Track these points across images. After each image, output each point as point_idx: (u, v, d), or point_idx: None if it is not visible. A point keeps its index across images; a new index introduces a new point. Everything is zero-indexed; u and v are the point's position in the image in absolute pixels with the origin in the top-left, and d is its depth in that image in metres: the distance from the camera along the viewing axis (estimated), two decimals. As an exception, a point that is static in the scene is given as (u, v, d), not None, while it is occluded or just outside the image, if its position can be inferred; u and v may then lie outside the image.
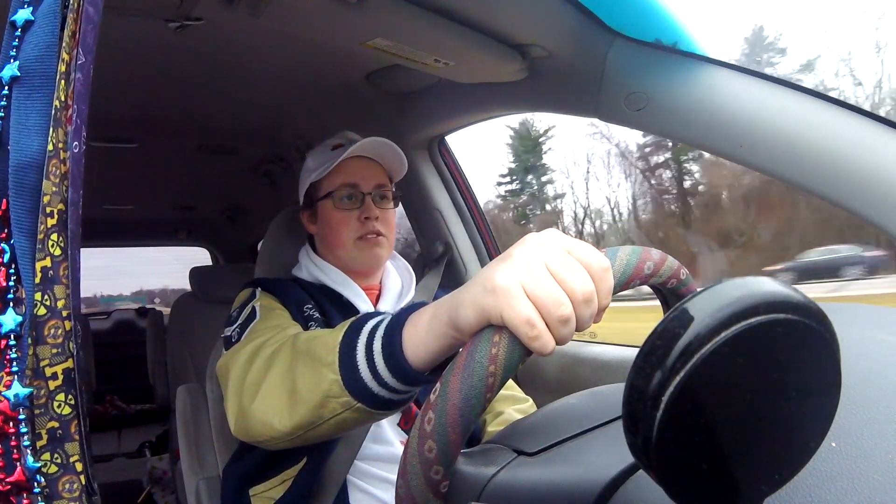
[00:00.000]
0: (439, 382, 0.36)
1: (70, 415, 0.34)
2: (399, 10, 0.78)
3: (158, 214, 2.55)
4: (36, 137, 0.34)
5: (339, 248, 0.95)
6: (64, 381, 0.34)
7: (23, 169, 0.33)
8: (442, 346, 0.46)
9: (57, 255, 0.33)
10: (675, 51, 0.81)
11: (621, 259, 0.44)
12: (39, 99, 0.34)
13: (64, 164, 0.34)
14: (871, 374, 0.39)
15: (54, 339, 0.33)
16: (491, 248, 1.41)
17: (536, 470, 0.41)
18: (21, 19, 0.35)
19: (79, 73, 0.35)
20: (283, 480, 0.82)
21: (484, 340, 0.37)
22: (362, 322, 0.55)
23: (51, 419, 0.33)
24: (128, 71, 1.06)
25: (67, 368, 0.34)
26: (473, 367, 0.36)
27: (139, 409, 3.18)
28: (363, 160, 0.96)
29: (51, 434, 0.33)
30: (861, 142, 0.67)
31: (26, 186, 0.33)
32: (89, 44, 0.36)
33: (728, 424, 0.26)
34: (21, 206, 0.33)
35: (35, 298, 0.33)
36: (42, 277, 0.33)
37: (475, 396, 0.35)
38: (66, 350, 0.34)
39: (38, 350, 0.33)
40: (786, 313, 0.26)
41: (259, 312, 0.81)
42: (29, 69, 0.34)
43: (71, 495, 0.33)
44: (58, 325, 0.33)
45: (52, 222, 0.33)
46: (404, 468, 0.37)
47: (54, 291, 0.33)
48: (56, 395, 0.33)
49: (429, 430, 0.36)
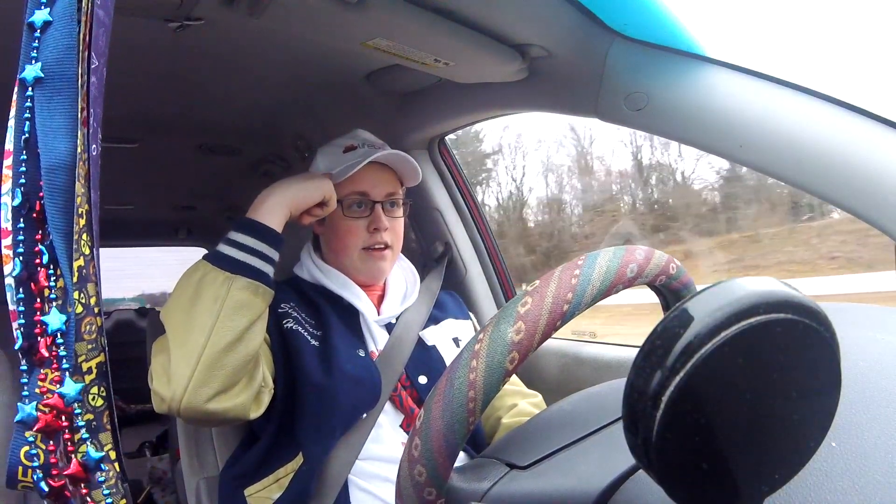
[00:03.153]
0: (423, 409, 0.37)
1: (103, 406, 0.35)
2: (399, 10, 0.78)
3: (158, 214, 2.55)
4: (63, 139, 0.34)
5: (344, 257, 0.94)
6: (97, 374, 0.35)
7: (54, 170, 0.34)
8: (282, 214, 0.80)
9: (87, 254, 0.35)
10: (675, 51, 0.81)
11: (600, 266, 0.42)
12: (61, 101, 0.34)
13: (85, 165, 0.35)
14: (871, 374, 0.39)
15: (89, 335, 0.35)
16: (491, 247, 1.41)
17: (529, 483, 0.41)
18: (40, 21, 0.35)
19: (93, 77, 0.35)
20: (277, 479, 0.81)
21: (462, 366, 0.37)
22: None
23: (87, 412, 0.34)
24: (128, 71, 1.06)
25: (101, 362, 0.35)
26: (453, 394, 0.36)
27: (139, 409, 3.18)
28: (378, 167, 0.95)
29: (87, 426, 0.34)
30: (861, 142, 0.67)
31: (58, 188, 0.34)
32: (101, 47, 0.36)
33: (728, 424, 0.26)
34: (55, 208, 0.34)
35: (74, 297, 0.34)
36: (78, 276, 0.34)
37: (458, 422, 0.36)
38: (99, 345, 0.35)
39: (76, 346, 0.34)
40: (786, 313, 0.26)
41: None
42: (50, 71, 0.34)
43: (109, 483, 0.35)
44: (92, 322, 0.35)
45: (83, 223, 0.34)
46: (399, 490, 0.38)
47: (87, 289, 0.35)
48: (91, 389, 0.35)
49: (416, 456, 0.36)
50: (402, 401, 0.88)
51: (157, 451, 2.69)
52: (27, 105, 0.34)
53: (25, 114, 0.34)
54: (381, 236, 0.92)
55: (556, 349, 1.24)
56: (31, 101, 0.34)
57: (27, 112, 0.34)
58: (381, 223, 0.92)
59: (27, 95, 0.34)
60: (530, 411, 0.97)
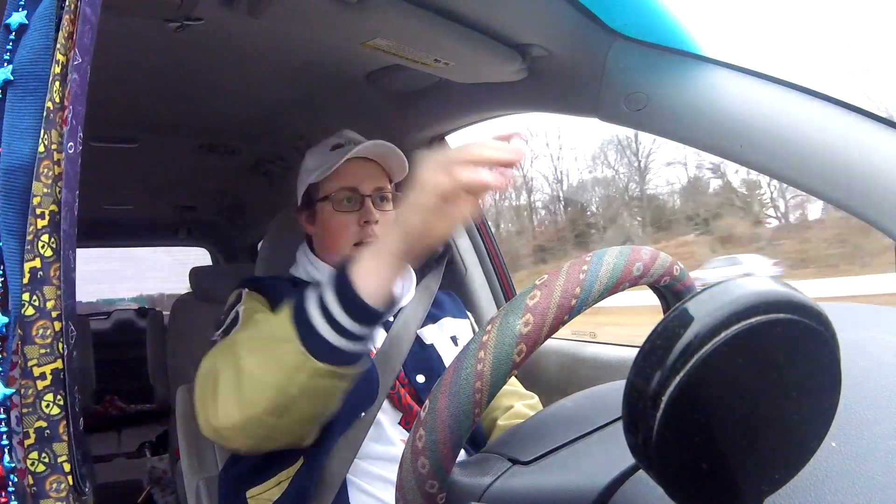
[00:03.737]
0: (428, 400, 0.37)
1: (59, 415, 0.34)
2: (399, 10, 0.78)
3: (158, 214, 2.55)
4: (29, 140, 0.34)
5: (336, 253, 0.94)
6: (53, 381, 0.34)
7: (13, 172, 0.34)
8: (391, 273, 0.54)
9: (48, 255, 0.34)
10: (675, 51, 0.81)
11: (608, 263, 0.43)
12: (32, 102, 0.34)
13: (58, 165, 0.34)
14: (871, 374, 0.39)
15: (42, 339, 0.33)
16: (491, 247, 1.41)
17: (531, 478, 0.41)
18: (15, 23, 0.35)
19: (75, 74, 0.35)
20: (279, 482, 0.81)
21: (469, 357, 0.37)
22: (303, 294, 0.59)
23: (39, 418, 0.33)
24: (128, 71, 1.06)
25: (56, 369, 0.34)
26: (460, 385, 0.36)
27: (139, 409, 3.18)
28: (363, 162, 0.96)
29: (38, 433, 0.33)
30: (861, 142, 0.67)
31: (15, 189, 0.34)
32: (86, 45, 0.36)
33: (728, 424, 0.26)
34: (10, 209, 0.34)
35: (23, 299, 0.33)
36: (31, 278, 0.33)
37: (463, 413, 0.36)
38: (55, 350, 0.34)
39: (25, 349, 0.33)
40: (786, 313, 0.26)
41: (242, 318, 0.81)
42: (23, 72, 0.34)
43: (58, 495, 0.34)
44: (46, 326, 0.34)
45: (43, 223, 0.33)
46: (401, 483, 0.37)
47: (44, 292, 0.33)
48: (44, 395, 0.33)
49: (420, 447, 0.36)
50: (401, 398, 0.88)
51: (157, 451, 2.69)
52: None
53: None
54: (372, 230, 0.92)
55: (556, 349, 1.24)
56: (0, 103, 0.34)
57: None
58: (372, 216, 0.93)
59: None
60: (526, 414, 0.97)
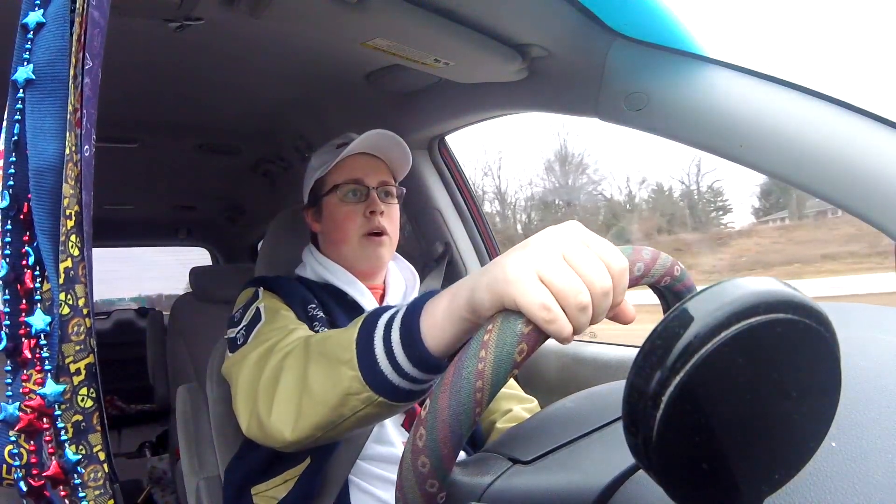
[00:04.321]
0: (428, 399, 0.37)
1: (92, 407, 0.35)
2: (399, 10, 0.78)
3: (158, 214, 2.56)
4: (52, 141, 0.34)
5: (343, 245, 0.94)
6: (86, 375, 0.35)
7: (42, 172, 0.34)
8: (459, 331, 0.46)
9: (76, 255, 0.35)
10: (675, 51, 0.81)
11: None
12: (52, 103, 0.35)
13: (77, 166, 0.35)
14: (871, 374, 0.39)
15: (77, 336, 0.35)
16: (491, 248, 1.41)
17: (532, 478, 0.41)
18: (33, 22, 0.35)
19: (86, 78, 0.35)
20: (285, 480, 0.82)
21: (470, 356, 0.36)
22: (376, 316, 0.55)
23: (76, 413, 0.35)
24: (128, 71, 1.06)
25: (89, 364, 0.35)
26: (461, 384, 0.36)
27: (139, 409, 3.18)
28: (367, 157, 0.97)
29: (76, 427, 0.35)
30: (861, 142, 0.67)
31: (46, 189, 0.34)
32: (96, 48, 0.36)
33: (728, 424, 0.26)
34: (42, 209, 0.34)
35: (60, 298, 0.34)
36: (65, 278, 0.34)
37: (464, 412, 0.35)
38: (88, 346, 0.35)
39: (63, 348, 0.34)
40: (786, 313, 0.26)
41: (264, 314, 0.81)
42: (42, 72, 0.34)
43: (96, 483, 0.35)
44: (80, 323, 0.35)
45: (71, 224, 0.34)
46: (401, 482, 0.37)
47: (76, 290, 0.35)
48: (80, 390, 0.35)
49: (421, 446, 0.36)
50: None
51: (157, 451, 2.69)
52: (18, 107, 0.34)
53: (16, 115, 0.34)
54: (378, 220, 0.93)
55: (556, 349, 1.24)
56: (21, 102, 0.34)
57: (17, 114, 0.34)
58: (378, 206, 0.93)
59: (18, 97, 0.34)
60: (525, 418, 0.97)
